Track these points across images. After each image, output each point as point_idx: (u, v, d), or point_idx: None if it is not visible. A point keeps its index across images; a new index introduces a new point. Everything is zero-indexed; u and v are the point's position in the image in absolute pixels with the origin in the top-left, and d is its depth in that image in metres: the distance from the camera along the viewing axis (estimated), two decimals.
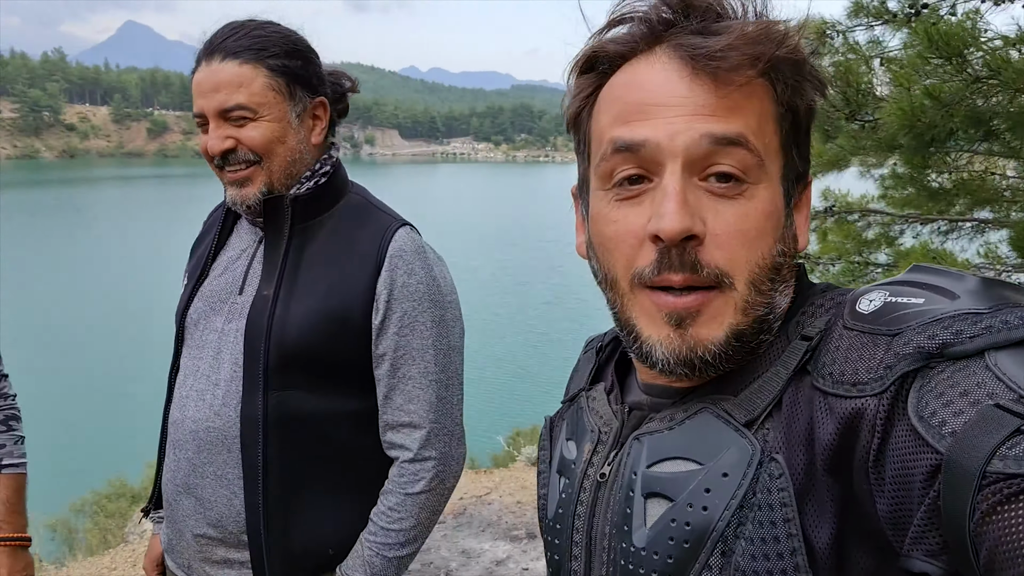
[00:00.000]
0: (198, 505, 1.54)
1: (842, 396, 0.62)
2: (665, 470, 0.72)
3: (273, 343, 1.48)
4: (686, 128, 0.69)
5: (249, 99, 1.46)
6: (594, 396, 0.90)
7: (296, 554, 1.53)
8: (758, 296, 0.71)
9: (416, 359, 1.52)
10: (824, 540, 0.62)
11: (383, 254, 1.51)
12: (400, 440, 1.55)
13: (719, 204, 0.70)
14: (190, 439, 1.54)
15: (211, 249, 1.66)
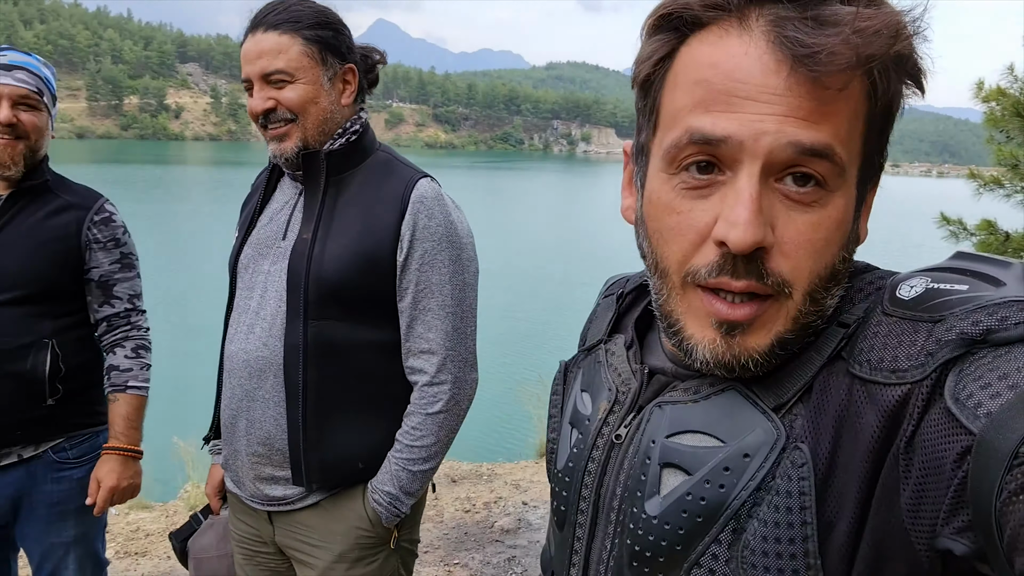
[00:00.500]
0: (249, 426, 1.75)
1: (881, 383, 0.61)
2: (685, 443, 0.71)
3: (312, 278, 1.68)
4: (775, 130, 0.63)
5: (287, 64, 1.66)
6: (612, 350, 0.88)
7: (329, 464, 1.73)
8: (811, 306, 0.68)
9: (435, 292, 1.71)
10: (843, 530, 0.61)
11: (407, 200, 1.70)
12: (419, 365, 1.74)
13: (792, 211, 0.66)
14: (243, 368, 1.75)
15: (258, 203, 1.88)
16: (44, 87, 2.14)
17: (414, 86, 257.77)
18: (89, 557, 2.26)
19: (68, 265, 2.11)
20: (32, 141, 2.09)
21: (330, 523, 1.77)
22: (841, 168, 0.65)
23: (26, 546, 2.20)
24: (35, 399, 2.05)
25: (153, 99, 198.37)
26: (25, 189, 2.11)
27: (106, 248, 2.16)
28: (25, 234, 2.08)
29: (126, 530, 4.36)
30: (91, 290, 2.17)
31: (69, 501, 2.15)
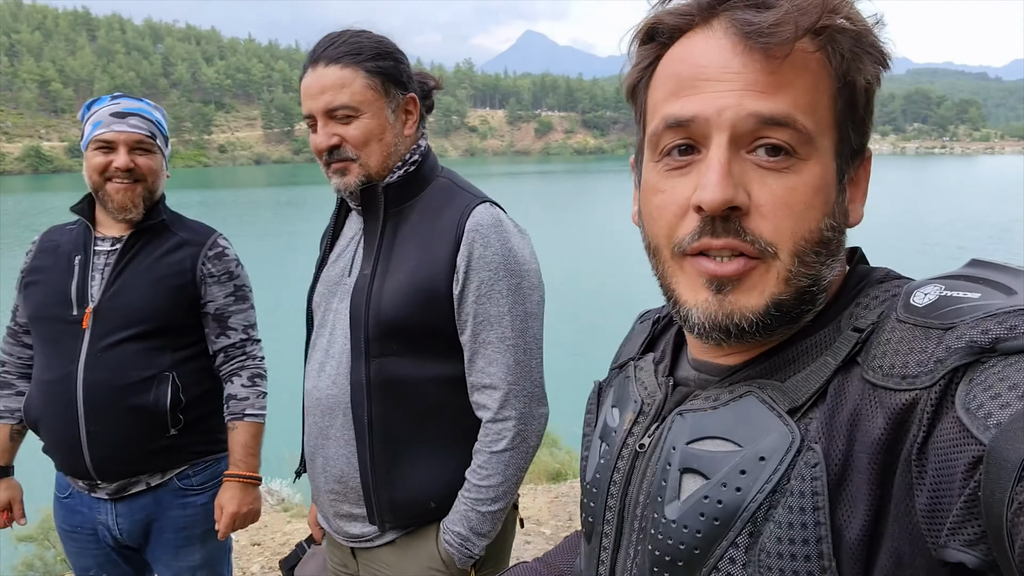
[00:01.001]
0: (325, 463, 1.76)
1: (892, 389, 0.62)
2: (704, 448, 0.72)
3: (371, 315, 1.66)
4: (735, 104, 0.69)
5: (351, 98, 1.64)
6: (642, 367, 0.92)
7: (400, 504, 1.70)
8: (802, 267, 0.71)
9: (494, 325, 1.65)
10: (855, 532, 0.62)
11: (461, 229, 1.65)
12: (483, 401, 1.68)
13: (766, 176, 0.70)
14: (316, 406, 1.76)
15: (328, 240, 1.88)
16: (156, 130, 2.22)
17: (562, 94, 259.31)
18: None
19: (185, 300, 2.21)
20: (149, 183, 2.18)
21: (405, 562, 1.74)
22: (807, 136, 0.69)
23: (158, 569, 2.34)
24: (159, 430, 2.16)
25: None
26: (144, 229, 2.21)
27: (220, 282, 2.26)
28: (144, 272, 2.18)
29: (275, 543, 4.56)
30: (208, 322, 2.27)
31: (195, 526, 2.27)
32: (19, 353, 2.35)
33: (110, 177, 2.14)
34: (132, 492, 2.20)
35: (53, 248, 2.26)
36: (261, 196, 69.78)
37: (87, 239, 2.21)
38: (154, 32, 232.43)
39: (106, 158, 2.13)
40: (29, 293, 2.24)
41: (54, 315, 2.16)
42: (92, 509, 2.23)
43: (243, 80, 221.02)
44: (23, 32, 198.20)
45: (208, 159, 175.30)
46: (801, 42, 0.68)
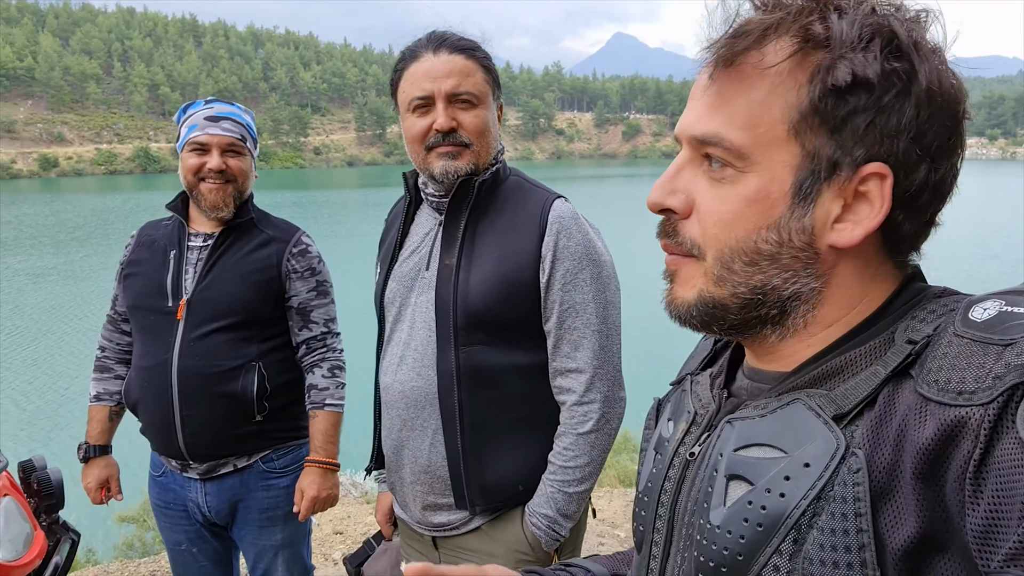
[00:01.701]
0: (410, 455, 1.81)
1: (946, 404, 0.60)
2: (751, 455, 0.73)
3: (459, 305, 1.71)
4: (686, 125, 0.77)
5: (474, 87, 1.71)
6: (699, 380, 0.93)
7: (490, 487, 1.76)
8: (727, 272, 0.74)
9: (579, 311, 1.73)
10: (899, 542, 0.61)
11: (545, 221, 1.73)
12: (567, 385, 1.75)
13: (711, 185, 0.75)
14: (399, 399, 1.80)
15: (398, 238, 1.90)
16: (246, 133, 2.38)
17: (651, 96, 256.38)
18: (296, 561, 2.51)
19: (271, 294, 2.34)
20: (239, 183, 2.34)
21: (490, 546, 1.79)
22: (737, 151, 0.72)
23: (243, 547, 2.49)
24: (246, 416, 2.30)
25: None
26: (234, 226, 2.37)
27: (303, 277, 2.38)
28: (233, 267, 2.33)
29: (357, 533, 4.69)
30: (291, 316, 2.40)
31: (277, 507, 2.41)
32: (118, 340, 2.53)
33: (203, 177, 2.29)
34: (221, 473, 2.37)
35: (150, 242, 2.42)
36: (351, 197, 71.69)
37: (181, 235, 2.36)
38: (256, 38, 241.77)
39: (200, 160, 2.28)
40: (128, 284, 2.40)
41: (151, 305, 2.32)
42: (183, 487, 2.40)
43: (338, 84, 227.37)
44: (135, 39, 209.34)
45: (303, 161, 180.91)
46: (767, 53, 0.70)
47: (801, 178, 0.71)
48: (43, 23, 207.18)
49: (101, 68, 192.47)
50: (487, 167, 1.79)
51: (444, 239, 1.78)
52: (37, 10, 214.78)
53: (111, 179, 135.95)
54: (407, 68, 1.74)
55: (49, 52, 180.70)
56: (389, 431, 1.86)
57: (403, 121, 1.77)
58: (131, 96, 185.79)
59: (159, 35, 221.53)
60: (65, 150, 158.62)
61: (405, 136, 1.78)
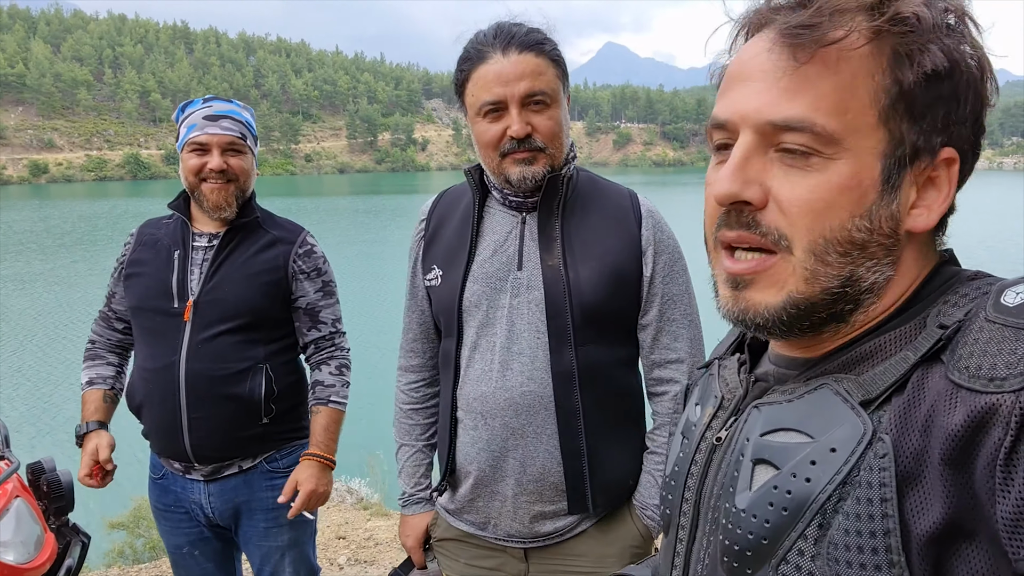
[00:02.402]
0: (517, 465, 1.72)
1: (977, 391, 0.59)
2: (777, 439, 0.72)
3: (575, 304, 1.67)
4: (754, 110, 0.71)
5: (547, 86, 1.63)
6: (726, 365, 0.93)
7: (612, 486, 1.75)
8: (822, 266, 0.70)
9: (678, 303, 1.75)
10: (924, 528, 0.61)
11: (639, 214, 1.73)
12: (668, 375, 1.76)
13: (790, 173, 0.70)
14: (506, 407, 1.70)
15: (471, 236, 1.79)
16: (247, 131, 2.33)
17: (642, 105, 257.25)
18: (303, 561, 2.48)
19: (278, 295, 2.32)
20: (241, 182, 2.30)
21: (603, 547, 1.76)
22: (829, 137, 0.68)
23: (248, 550, 2.45)
24: (253, 418, 2.28)
25: (403, 134, 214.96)
26: (238, 226, 2.33)
27: (310, 278, 2.37)
28: (240, 268, 2.29)
29: (360, 537, 4.70)
30: (299, 317, 2.38)
31: (283, 508, 2.35)
32: (108, 335, 2.49)
33: (205, 178, 2.24)
34: (225, 474, 2.34)
35: (152, 242, 2.36)
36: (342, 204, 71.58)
37: (185, 234, 2.32)
38: (247, 45, 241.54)
39: (200, 160, 2.23)
40: (131, 284, 2.34)
41: (156, 307, 2.27)
42: (185, 490, 2.37)
43: (330, 91, 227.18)
44: (126, 45, 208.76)
45: (294, 168, 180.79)
46: (851, 34, 0.67)
47: (888, 164, 0.70)
48: (34, 29, 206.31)
49: (92, 75, 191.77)
50: (571, 158, 1.75)
51: (541, 239, 1.73)
52: (28, 16, 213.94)
53: (101, 185, 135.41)
54: (474, 70, 1.65)
55: (40, 58, 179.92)
56: (488, 443, 1.74)
57: (473, 125, 1.70)
58: (122, 103, 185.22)
59: (150, 42, 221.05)
60: (55, 156, 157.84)
61: (477, 141, 1.71)
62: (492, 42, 1.64)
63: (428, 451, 2.00)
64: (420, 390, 1.99)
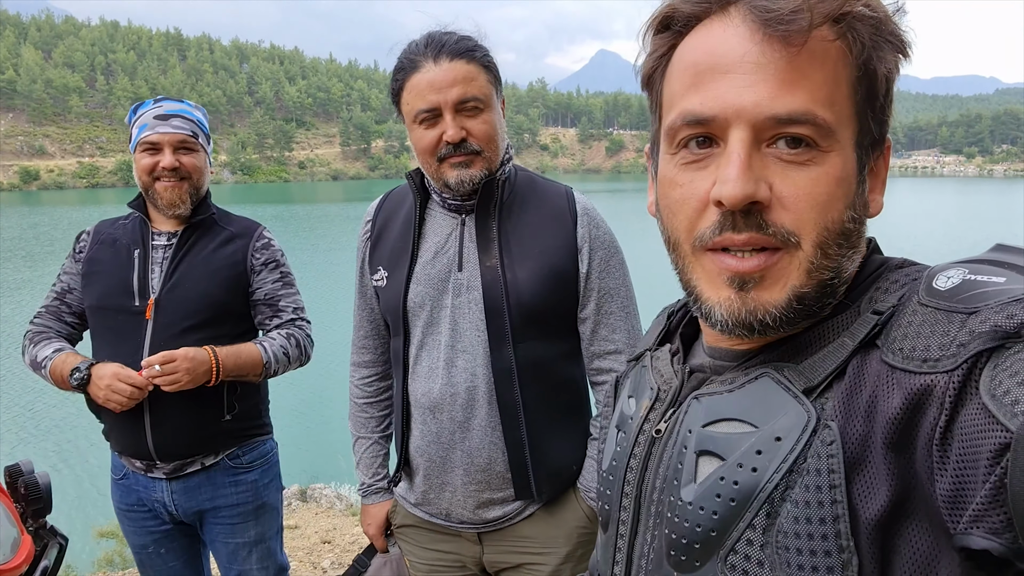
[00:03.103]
0: (464, 456, 1.80)
1: (912, 372, 0.61)
2: (720, 430, 0.72)
3: (513, 303, 1.73)
4: (752, 105, 0.68)
5: (479, 92, 1.68)
6: (658, 356, 0.92)
7: (555, 474, 1.83)
8: (824, 260, 0.70)
9: (615, 296, 1.81)
10: (872, 513, 0.61)
11: (574, 213, 1.79)
12: (608, 365, 1.84)
13: (788, 169, 0.69)
14: (451, 402, 1.78)
15: (413, 239, 1.85)
16: (198, 129, 2.34)
17: (635, 112, 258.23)
18: (270, 557, 2.49)
19: (239, 289, 2.35)
20: (194, 180, 2.31)
21: (550, 530, 1.84)
22: (827, 129, 0.68)
23: (214, 548, 2.46)
24: (216, 415, 2.30)
25: (396, 141, 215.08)
26: (196, 224, 2.35)
27: (268, 269, 2.39)
28: (201, 264, 2.31)
29: (345, 542, 4.70)
30: (260, 309, 2.39)
31: (247, 503, 2.39)
32: (59, 328, 2.41)
33: (158, 176, 2.26)
34: (187, 472, 2.33)
35: (111, 241, 2.36)
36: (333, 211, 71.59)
37: (144, 233, 2.33)
38: (240, 52, 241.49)
39: (153, 159, 2.25)
40: (90, 283, 2.33)
41: (117, 305, 2.28)
42: (148, 488, 2.36)
43: (323, 99, 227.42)
44: (119, 52, 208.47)
45: (288, 175, 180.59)
46: (820, 31, 0.67)
47: (860, 154, 0.72)
48: (25, 35, 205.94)
49: (84, 81, 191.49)
50: (505, 160, 1.81)
51: (479, 240, 1.78)
52: (19, 22, 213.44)
53: (93, 192, 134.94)
54: (408, 79, 1.71)
55: (31, 65, 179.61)
56: (436, 436, 1.82)
57: (411, 132, 1.75)
58: (114, 109, 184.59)
59: (143, 48, 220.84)
60: (47, 163, 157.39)
61: (415, 147, 1.76)
62: (424, 51, 1.69)
63: (384, 442, 2.08)
64: (373, 384, 2.07)
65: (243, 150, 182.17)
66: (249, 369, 2.29)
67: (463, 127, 1.68)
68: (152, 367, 2.12)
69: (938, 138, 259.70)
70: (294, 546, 4.60)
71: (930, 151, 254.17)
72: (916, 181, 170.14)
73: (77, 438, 11.81)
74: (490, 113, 1.71)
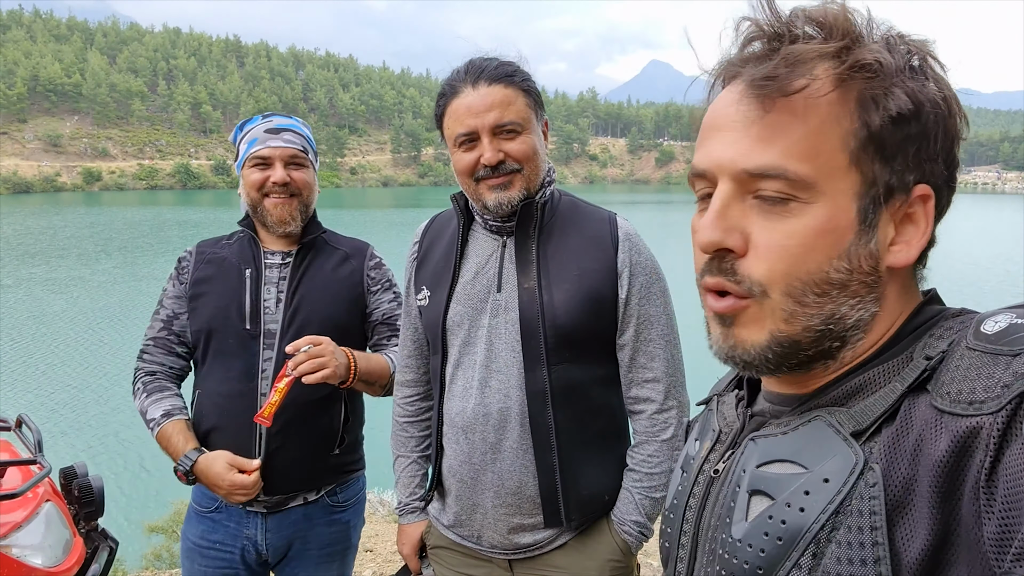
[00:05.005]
0: (495, 478, 1.78)
1: (958, 415, 0.61)
2: (772, 471, 0.74)
3: (548, 325, 1.73)
4: (729, 160, 0.73)
5: (517, 115, 1.71)
6: (725, 400, 0.95)
7: (585, 501, 1.79)
8: (800, 307, 0.72)
9: (654, 324, 1.79)
10: (914, 555, 0.61)
11: (616, 238, 1.79)
12: (646, 394, 1.81)
13: (768, 219, 0.72)
14: (484, 422, 1.78)
15: (456, 258, 1.87)
16: (308, 145, 2.26)
17: (686, 124, 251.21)
18: None
19: (358, 311, 2.28)
20: (304, 197, 2.22)
21: (583, 560, 1.81)
22: (803, 182, 0.70)
23: None
24: (328, 448, 2.23)
25: (445, 149, 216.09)
26: (309, 243, 2.26)
27: (384, 289, 2.32)
28: (320, 285, 2.22)
29: (387, 551, 4.68)
30: (379, 330, 2.32)
31: (338, 543, 2.30)
32: (171, 363, 2.28)
33: (268, 192, 2.17)
34: (288, 507, 2.22)
35: (218, 260, 2.25)
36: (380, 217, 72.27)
37: (256, 252, 2.23)
38: (297, 59, 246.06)
39: (263, 174, 2.16)
40: (198, 305, 2.21)
41: (230, 328, 2.16)
42: (240, 524, 2.22)
43: (376, 106, 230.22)
44: (180, 58, 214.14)
45: (339, 180, 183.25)
46: (814, 82, 0.69)
47: (864, 205, 0.72)
48: (91, 41, 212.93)
49: (146, 86, 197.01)
50: (547, 183, 1.82)
51: (518, 262, 1.79)
52: (86, 28, 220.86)
53: (152, 194, 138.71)
54: (449, 104, 1.75)
55: (96, 69, 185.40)
56: (468, 456, 1.81)
57: (452, 155, 1.78)
58: (174, 114, 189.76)
59: (203, 55, 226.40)
60: (109, 165, 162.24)
61: (455, 169, 1.79)
62: (464, 77, 1.73)
63: (422, 462, 2.05)
64: (414, 404, 2.06)
65: None
66: (378, 376, 2.19)
67: (500, 149, 1.70)
68: (298, 349, 1.99)
69: (1000, 154, 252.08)
70: None
71: (991, 167, 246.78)
72: (976, 198, 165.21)
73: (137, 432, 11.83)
74: (529, 135, 1.73)
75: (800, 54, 0.69)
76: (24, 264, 35.53)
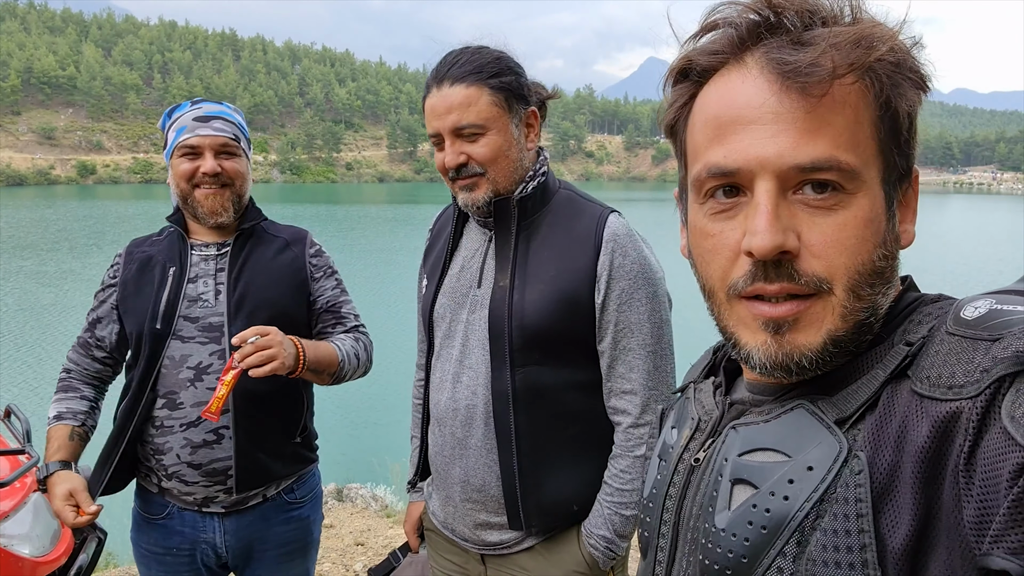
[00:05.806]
0: (462, 473, 1.78)
1: (938, 399, 0.62)
2: (755, 459, 0.74)
3: (515, 326, 1.69)
4: (775, 155, 0.69)
5: (478, 117, 1.65)
6: (702, 388, 0.94)
7: (547, 509, 1.73)
8: (857, 302, 0.71)
9: (634, 331, 1.69)
10: (899, 541, 0.62)
11: (600, 239, 1.69)
12: (622, 406, 1.72)
13: (815, 216, 0.70)
14: (453, 417, 1.77)
15: (447, 251, 1.87)
16: (239, 132, 2.16)
17: None
18: None
19: (302, 297, 2.21)
20: (237, 187, 2.12)
21: (547, 568, 1.77)
22: (852, 172, 0.69)
23: None
24: (289, 436, 2.18)
25: None
26: (248, 232, 2.18)
27: (327, 276, 2.27)
28: (263, 272, 2.15)
29: (378, 545, 4.68)
30: (323, 317, 2.25)
31: (297, 540, 2.26)
32: (86, 364, 2.23)
33: (198, 183, 2.08)
34: (248, 506, 2.16)
35: (145, 260, 2.17)
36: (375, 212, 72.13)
37: (183, 248, 2.14)
38: (293, 53, 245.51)
39: (193, 164, 2.07)
40: (126, 310, 2.14)
41: (151, 330, 2.07)
42: (196, 528, 2.14)
43: (372, 101, 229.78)
44: (175, 51, 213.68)
45: (335, 176, 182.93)
46: (850, 71, 0.69)
47: (887, 191, 0.73)
48: (86, 33, 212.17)
49: (141, 79, 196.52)
50: (526, 181, 1.76)
51: (497, 259, 1.76)
52: (81, 20, 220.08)
53: (146, 187, 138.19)
54: (425, 103, 1.73)
55: (91, 62, 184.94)
56: (441, 448, 1.83)
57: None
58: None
59: (199, 48, 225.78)
60: (103, 158, 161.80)
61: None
62: (433, 76, 1.71)
63: None
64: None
65: (292, 150, 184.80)
66: (326, 365, 2.09)
67: (463, 152, 1.67)
68: (245, 340, 1.86)
69: (996, 154, 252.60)
70: (328, 547, 4.60)
71: (987, 167, 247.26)
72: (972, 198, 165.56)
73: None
74: (494, 135, 1.68)
75: (836, 40, 0.68)
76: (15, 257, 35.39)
